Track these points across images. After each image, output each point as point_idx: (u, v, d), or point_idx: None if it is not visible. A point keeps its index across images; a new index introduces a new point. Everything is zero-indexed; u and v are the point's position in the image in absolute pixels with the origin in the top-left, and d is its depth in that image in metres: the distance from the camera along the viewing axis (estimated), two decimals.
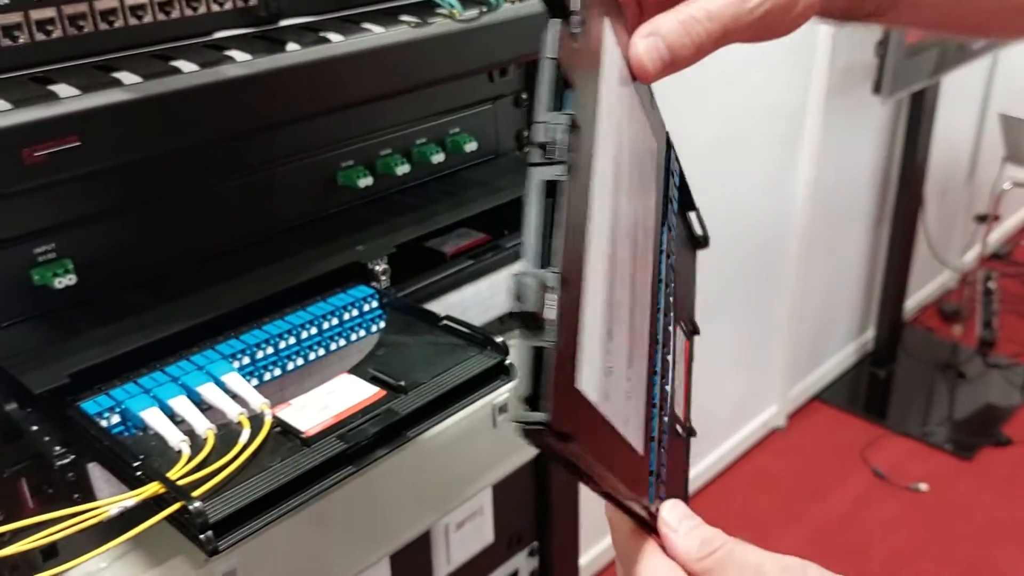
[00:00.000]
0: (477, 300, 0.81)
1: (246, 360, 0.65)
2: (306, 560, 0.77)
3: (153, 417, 0.58)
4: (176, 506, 0.51)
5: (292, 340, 0.66)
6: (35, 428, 0.61)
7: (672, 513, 0.44)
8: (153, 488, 0.52)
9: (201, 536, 0.50)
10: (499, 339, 0.65)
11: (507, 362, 0.65)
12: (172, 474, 0.53)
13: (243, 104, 0.62)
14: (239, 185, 0.71)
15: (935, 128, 2.38)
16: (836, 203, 2.32)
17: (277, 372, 0.66)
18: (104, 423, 0.58)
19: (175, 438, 0.57)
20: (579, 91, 0.36)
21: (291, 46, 0.67)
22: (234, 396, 0.61)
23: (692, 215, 0.57)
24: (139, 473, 0.54)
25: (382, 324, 0.72)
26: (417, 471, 0.84)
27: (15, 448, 0.65)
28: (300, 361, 0.67)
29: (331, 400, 0.60)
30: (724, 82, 1.78)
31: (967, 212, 2.95)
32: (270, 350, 0.65)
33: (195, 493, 0.51)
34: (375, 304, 0.71)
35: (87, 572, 0.71)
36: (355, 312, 0.70)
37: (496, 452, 0.93)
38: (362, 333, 0.71)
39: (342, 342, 0.69)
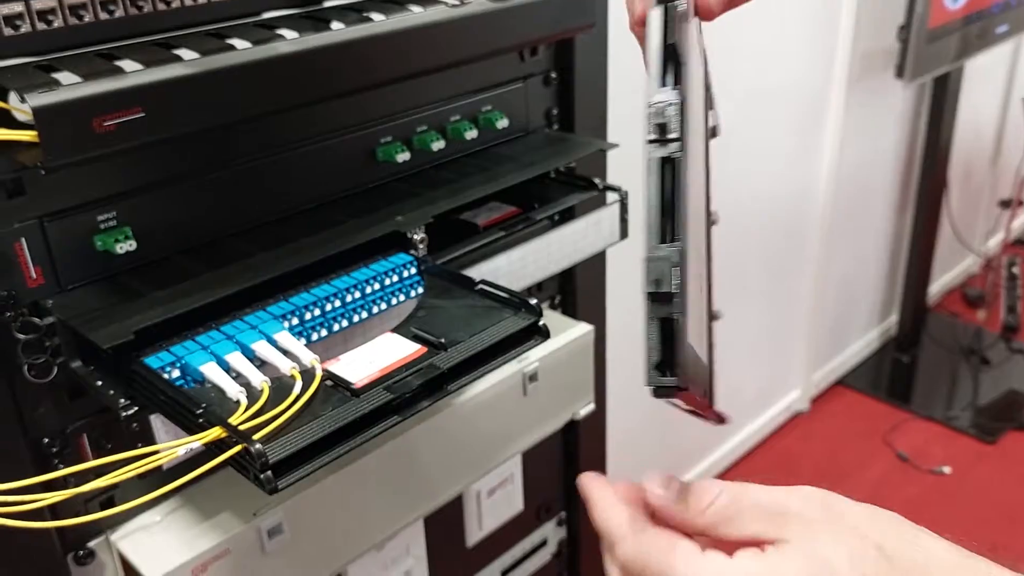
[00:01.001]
0: (510, 269, 0.85)
1: (295, 321, 0.68)
2: (347, 518, 0.81)
3: (211, 371, 0.62)
4: (238, 448, 0.54)
5: (338, 303, 0.70)
6: (99, 383, 0.64)
7: (654, 482, 0.43)
8: (215, 432, 0.56)
9: (261, 475, 0.54)
10: (533, 301, 0.68)
11: (540, 323, 0.69)
12: (232, 420, 0.57)
13: (293, 79, 0.65)
14: (288, 158, 0.75)
15: (958, 113, 2.38)
16: (859, 188, 2.33)
17: (324, 333, 0.70)
18: (166, 376, 0.62)
19: (232, 389, 0.60)
20: (686, 65, 0.38)
21: (335, 25, 0.70)
22: (286, 352, 0.64)
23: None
24: (201, 420, 0.57)
25: (420, 289, 0.75)
26: (451, 436, 0.88)
27: (78, 405, 0.70)
28: (345, 323, 0.71)
29: (377, 356, 0.64)
30: (746, 67, 1.79)
31: (991, 197, 2.94)
32: (317, 312, 0.69)
33: (255, 436, 0.55)
34: (414, 270, 0.75)
35: (142, 524, 0.76)
36: (395, 277, 0.74)
37: (526, 421, 0.96)
38: (402, 297, 0.74)
39: (384, 305, 0.73)
